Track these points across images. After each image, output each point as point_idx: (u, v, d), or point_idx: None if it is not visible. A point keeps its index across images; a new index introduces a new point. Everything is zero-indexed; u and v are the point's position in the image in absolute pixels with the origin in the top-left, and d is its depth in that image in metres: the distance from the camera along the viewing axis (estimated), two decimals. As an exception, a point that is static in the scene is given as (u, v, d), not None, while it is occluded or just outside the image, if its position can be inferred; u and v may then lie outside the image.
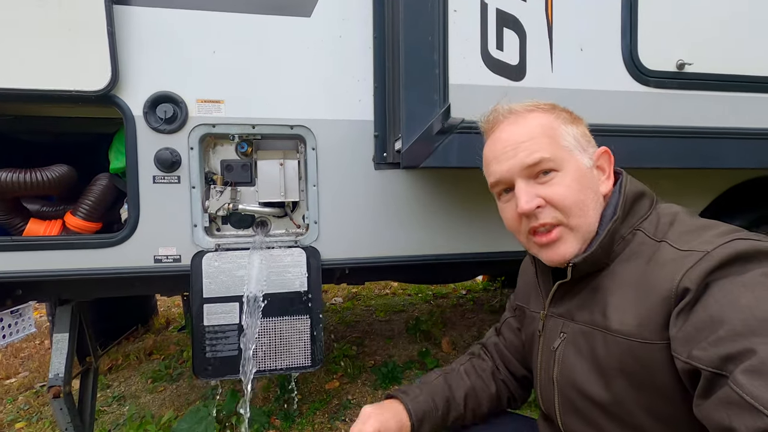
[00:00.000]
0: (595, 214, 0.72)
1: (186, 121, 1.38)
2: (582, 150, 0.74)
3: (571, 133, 0.74)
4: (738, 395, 0.49)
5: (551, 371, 0.80)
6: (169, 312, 3.78)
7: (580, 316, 0.75)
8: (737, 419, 0.49)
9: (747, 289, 0.55)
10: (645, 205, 0.73)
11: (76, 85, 1.28)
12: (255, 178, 1.49)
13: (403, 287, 4.35)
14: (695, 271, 0.58)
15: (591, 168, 0.74)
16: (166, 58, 1.36)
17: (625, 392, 0.67)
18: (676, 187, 1.64)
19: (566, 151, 0.72)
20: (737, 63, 1.37)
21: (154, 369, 2.54)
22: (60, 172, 1.42)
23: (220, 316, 1.43)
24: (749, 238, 0.60)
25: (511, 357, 1.00)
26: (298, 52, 1.43)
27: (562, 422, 0.80)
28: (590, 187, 0.72)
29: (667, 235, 0.67)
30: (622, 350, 0.66)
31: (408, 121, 1.17)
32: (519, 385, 1.00)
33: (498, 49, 1.20)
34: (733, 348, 0.51)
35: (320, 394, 2.17)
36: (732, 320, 0.53)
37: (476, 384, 0.97)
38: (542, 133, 0.72)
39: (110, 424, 1.98)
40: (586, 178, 0.72)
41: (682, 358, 0.57)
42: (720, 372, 0.52)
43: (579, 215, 0.70)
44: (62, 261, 1.36)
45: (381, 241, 1.55)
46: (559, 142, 0.72)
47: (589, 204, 0.71)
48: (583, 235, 0.71)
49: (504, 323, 1.05)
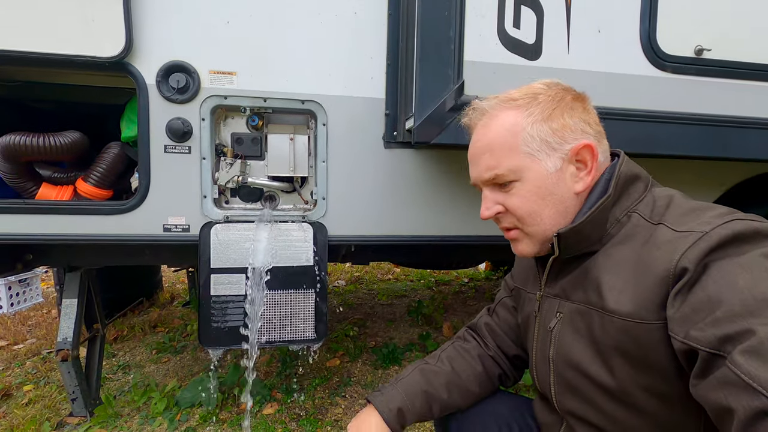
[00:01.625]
0: (553, 221, 0.73)
1: (198, 91, 1.38)
2: (550, 151, 0.72)
3: (539, 134, 0.71)
4: (736, 375, 0.49)
5: (547, 351, 0.81)
6: (174, 288, 3.83)
7: (576, 295, 0.75)
8: (735, 399, 0.49)
9: (745, 269, 0.54)
10: (640, 188, 0.73)
11: (89, 51, 1.28)
12: (265, 152, 1.50)
13: (406, 273, 4.38)
14: (693, 251, 0.58)
15: (557, 171, 0.72)
16: (180, 27, 1.36)
17: (621, 370, 0.68)
18: (688, 177, 1.63)
19: (528, 158, 0.71)
20: (757, 51, 1.35)
21: (158, 341, 2.59)
22: (72, 138, 1.43)
23: (226, 287, 1.45)
24: (747, 218, 0.60)
25: (504, 336, 1.00)
26: (311, 27, 1.42)
27: (557, 401, 0.81)
28: (553, 192, 0.72)
29: (664, 217, 0.67)
30: (618, 329, 0.66)
31: (421, 96, 1.17)
32: (511, 364, 1.00)
33: (515, 27, 1.19)
34: (731, 329, 0.51)
35: (321, 371, 2.20)
36: (730, 301, 0.53)
37: (459, 367, 0.96)
38: (503, 143, 0.72)
39: (115, 391, 2.02)
40: (548, 184, 0.72)
41: (680, 338, 0.57)
42: (718, 352, 0.52)
43: (532, 224, 0.74)
44: (73, 226, 1.38)
45: (387, 220, 1.56)
46: (519, 150, 0.71)
47: (546, 212, 0.73)
48: (539, 240, 0.75)
49: (499, 303, 1.04)
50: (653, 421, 0.67)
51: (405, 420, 0.90)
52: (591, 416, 0.75)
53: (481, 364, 0.97)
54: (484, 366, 0.97)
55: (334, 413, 1.85)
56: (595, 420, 0.74)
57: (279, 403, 1.92)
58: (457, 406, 0.95)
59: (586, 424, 0.76)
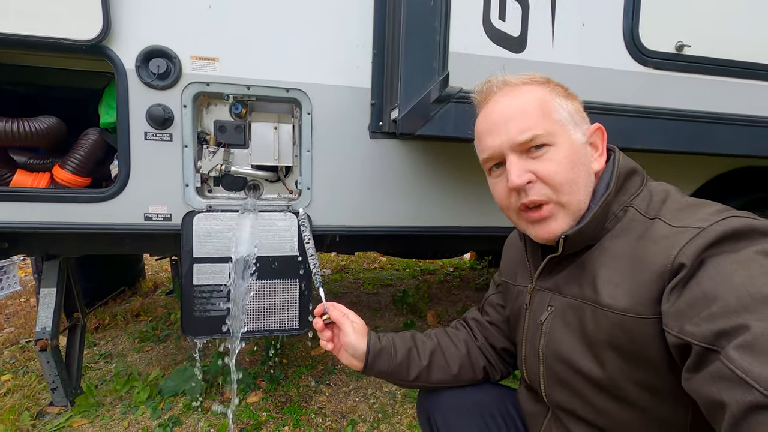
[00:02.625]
0: (586, 191, 0.72)
1: (179, 77, 1.35)
2: (575, 125, 0.73)
3: (565, 107, 0.73)
4: (730, 370, 0.49)
5: (537, 344, 0.81)
6: (157, 276, 3.79)
7: (569, 289, 0.75)
8: (728, 393, 0.49)
9: (741, 266, 0.55)
10: (636, 183, 0.73)
11: (65, 33, 1.23)
12: (248, 141, 1.48)
13: (392, 262, 4.40)
14: (691, 247, 0.58)
15: (584, 144, 0.73)
16: (161, 11, 1.32)
17: (613, 364, 0.68)
18: (669, 170, 1.66)
19: (559, 125, 0.71)
20: (736, 49, 1.38)
21: (141, 330, 2.56)
22: (48, 124, 1.39)
23: (209, 276, 1.44)
24: (743, 215, 0.61)
25: (492, 330, 1.01)
26: (296, 13, 1.39)
27: (547, 393, 0.81)
28: (582, 163, 0.72)
29: (660, 212, 0.67)
30: (612, 324, 0.66)
31: (406, 87, 1.16)
32: (498, 358, 1.00)
33: (500, 19, 1.19)
34: (726, 324, 0.52)
35: (306, 360, 2.22)
36: (725, 297, 0.53)
37: (445, 344, 0.99)
38: (536, 106, 0.71)
39: (97, 380, 2.01)
40: (579, 154, 0.72)
41: (674, 333, 0.57)
42: (712, 347, 0.52)
43: (569, 192, 0.70)
44: (50, 214, 1.35)
45: (372, 210, 1.56)
46: (552, 117, 0.71)
47: (580, 181, 0.71)
48: (573, 213, 0.71)
49: (486, 301, 1.05)
50: (643, 414, 0.68)
51: (381, 362, 0.93)
52: (579, 409, 0.76)
53: (466, 349, 0.99)
54: (469, 352, 0.99)
55: (318, 401, 1.87)
56: (583, 413, 0.75)
57: (263, 391, 1.93)
58: (433, 379, 0.96)
59: (574, 417, 0.77)
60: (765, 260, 0.55)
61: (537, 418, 0.87)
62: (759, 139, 1.41)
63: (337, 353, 0.96)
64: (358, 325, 0.94)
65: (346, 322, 0.93)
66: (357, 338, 0.92)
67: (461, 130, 1.18)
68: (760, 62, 1.40)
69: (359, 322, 0.96)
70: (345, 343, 0.93)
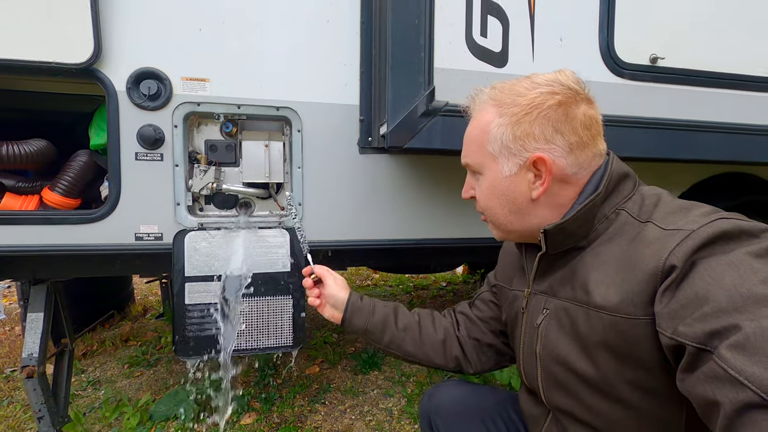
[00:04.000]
0: (506, 217, 0.80)
1: (170, 98, 1.37)
2: (509, 156, 0.74)
3: (501, 138, 0.74)
4: (723, 370, 0.50)
5: (534, 346, 0.82)
6: (147, 300, 3.73)
7: (563, 292, 0.77)
8: (722, 393, 0.50)
9: (731, 267, 0.56)
10: (629, 186, 0.75)
11: (56, 57, 1.25)
12: (239, 159, 1.49)
13: (385, 278, 4.39)
14: (682, 248, 0.60)
15: (511, 176, 0.75)
16: (151, 34, 1.34)
17: (607, 365, 0.69)
18: (649, 177, 1.71)
19: (489, 157, 0.78)
20: (707, 60, 1.45)
21: (130, 354, 2.51)
22: (38, 147, 1.39)
23: (201, 295, 1.43)
24: (732, 217, 0.63)
25: (479, 325, 1.03)
26: (285, 34, 1.43)
27: (546, 396, 0.82)
28: (503, 194, 0.78)
29: (652, 215, 0.69)
30: (605, 325, 0.67)
31: (393, 102, 1.20)
32: (479, 352, 1.02)
33: (482, 35, 1.24)
34: (718, 324, 0.53)
35: (301, 379, 2.19)
36: (717, 297, 0.54)
37: (424, 324, 1.04)
38: (476, 136, 0.79)
39: (85, 408, 1.95)
40: (498, 186, 0.78)
41: (667, 334, 0.58)
42: (705, 347, 0.53)
43: (489, 215, 0.83)
44: (39, 236, 1.34)
45: (363, 225, 1.57)
46: (485, 148, 0.77)
47: (496, 209, 0.80)
48: (501, 229, 0.83)
49: (479, 296, 1.08)
50: (637, 414, 0.69)
51: (358, 317, 1.03)
52: (576, 410, 0.76)
53: (443, 336, 1.03)
54: (445, 339, 1.02)
55: (314, 420, 1.84)
56: (580, 414, 0.76)
57: (257, 412, 1.89)
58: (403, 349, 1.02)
59: (572, 419, 0.78)
60: (754, 261, 0.56)
61: (537, 420, 0.88)
62: (731, 145, 1.47)
63: (321, 309, 1.07)
64: (339, 280, 1.08)
65: (328, 276, 1.08)
66: (338, 290, 1.05)
67: (448, 143, 1.21)
68: (729, 72, 1.47)
69: (340, 278, 1.09)
70: (327, 295, 1.06)
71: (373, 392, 2.09)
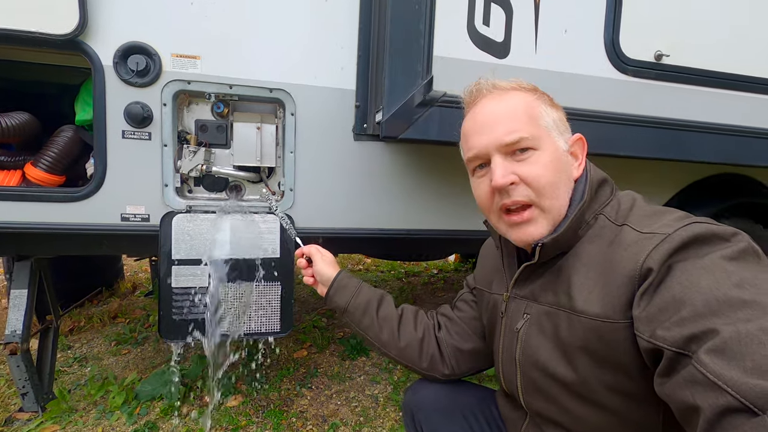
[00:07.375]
0: (566, 198, 0.73)
1: (159, 75, 1.32)
2: (559, 133, 0.76)
3: (550, 114, 0.75)
4: (701, 374, 0.50)
5: (514, 351, 0.82)
6: (136, 277, 3.70)
7: (544, 297, 0.76)
8: (701, 397, 0.50)
9: (707, 271, 0.56)
10: (607, 192, 0.76)
11: (39, 27, 1.20)
12: (230, 141, 1.45)
13: (376, 264, 4.39)
14: (658, 252, 0.60)
15: (566, 152, 0.76)
16: (141, 7, 1.29)
17: (587, 370, 0.69)
18: (646, 177, 1.70)
19: (545, 131, 0.73)
20: (713, 59, 1.42)
21: (118, 332, 2.50)
22: (21, 120, 1.34)
23: (188, 279, 1.41)
24: (704, 221, 0.63)
25: (460, 325, 1.02)
26: (281, 12, 1.38)
27: (524, 400, 0.83)
28: (564, 170, 0.74)
29: (628, 219, 0.70)
30: (586, 329, 0.67)
31: (390, 90, 1.16)
32: (456, 356, 1.00)
33: (484, 24, 1.20)
34: (695, 328, 0.53)
35: (288, 363, 2.19)
36: (694, 301, 0.54)
37: (405, 320, 1.04)
38: (523, 110, 0.73)
39: (70, 384, 1.95)
40: (562, 161, 0.74)
41: (645, 338, 0.58)
42: (683, 352, 0.53)
43: (551, 196, 0.72)
44: (21, 213, 1.30)
45: (356, 213, 1.55)
46: (538, 122, 0.73)
47: (562, 186, 0.73)
48: (554, 217, 0.73)
49: (460, 297, 1.07)
50: (615, 418, 0.70)
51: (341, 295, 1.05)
52: (555, 415, 0.77)
53: (422, 334, 1.02)
54: (423, 338, 1.01)
55: (300, 404, 1.85)
56: (559, 418, 0.76)
57: (243, 395, 1.90)
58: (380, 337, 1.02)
59: (551, 423, 0.78)
60: (728, 264, 0.57)
61: (515, 424, 0.89)
62: (733, 146, 1.46)
63: (317, 287, 1.12)
64: (327, 257, 1.13)
65: (315, 254, 1.13)
66: (325, 267, 1.10)
67: (444, 134, 1.18)
68: (735, 72, 1.44)
69: (329, 256, 1.13)
70: (315, 272, 1.10)
71: (360, 378, 2.10)
